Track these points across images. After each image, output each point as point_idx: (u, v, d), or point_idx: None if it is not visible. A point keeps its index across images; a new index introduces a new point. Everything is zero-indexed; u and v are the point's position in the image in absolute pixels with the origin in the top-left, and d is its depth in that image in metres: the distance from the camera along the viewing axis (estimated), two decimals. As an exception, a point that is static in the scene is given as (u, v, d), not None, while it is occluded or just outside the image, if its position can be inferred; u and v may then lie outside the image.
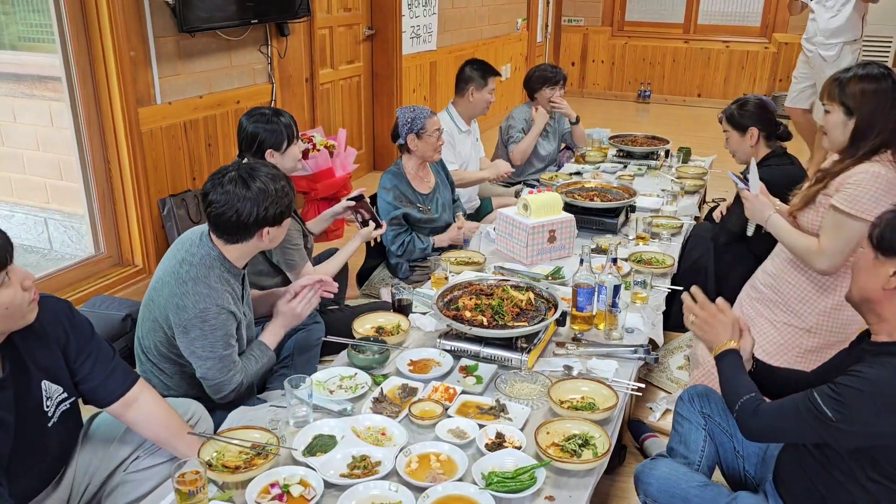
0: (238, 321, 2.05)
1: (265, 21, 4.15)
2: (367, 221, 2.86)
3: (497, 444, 1.73)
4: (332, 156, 4.18)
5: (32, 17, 3.80)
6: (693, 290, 1.91)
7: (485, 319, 2.12)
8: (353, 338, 2.22)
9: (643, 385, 2.10)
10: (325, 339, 2.47)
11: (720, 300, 1.89)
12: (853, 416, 1.52)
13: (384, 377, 2.05)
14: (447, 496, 1.56)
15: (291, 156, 2.66)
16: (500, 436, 1.75)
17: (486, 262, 2.82)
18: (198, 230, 2.08)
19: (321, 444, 1.73)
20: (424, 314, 2.41)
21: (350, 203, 2.86)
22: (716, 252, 3.24)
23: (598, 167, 4.17)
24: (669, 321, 2.65)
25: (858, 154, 2.20)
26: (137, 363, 2.14)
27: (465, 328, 2.08)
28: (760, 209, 2.45)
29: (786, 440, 1.68)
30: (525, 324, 2.11)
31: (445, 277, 2.59)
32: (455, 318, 2.13)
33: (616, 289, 2.26)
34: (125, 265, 3.63)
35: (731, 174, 2.62)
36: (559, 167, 4.39)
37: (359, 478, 1.62)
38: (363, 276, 3.44)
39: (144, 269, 3.60)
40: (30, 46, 3.87)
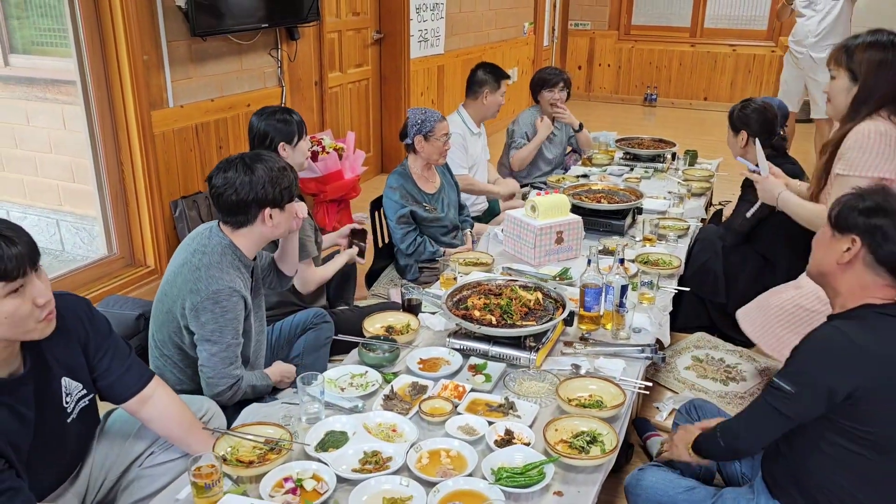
0: (249, 310, 2.10)
1: (276, 25, 4.19)
2: (363, 252, 3.11)
3: (506, 441, 1.75)
4: (342, 158, 4.22)
5: (45, 22, 3.85)
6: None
7: (494, 319, 2.14)
8: (363, 337, 2.26)
9: (650, 383, 2.13)
10: (335, 338, 2.50)
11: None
12: (805, 379, 1.59)
13: (394, 375, 2.07)
14: (457, 491, 1.58)
15: (301, 150, 2.81)
16: (510, 432, 1.77)
17: (494, 264, 2.85)
18: (208, 224, 2.16)
19: (333, 440, 1.76)
20: (434, 314, 2.44)
21: (356, 228, 3.12)
22: (723, 254, 3.25)
23: (605, 170, 4.19)
24: (676, 322, 2.67)
25: (857, 118, 2.24)
26: (151, 359, 2.18)
27: (475, 327, 2.10)
28: (770, 189, 2.53)
29: (771, 437, 1.71)
30: (533, 323, 2.13)
31: (454, 278, 2.62)
32: (464, 318, 2.15)
33: (623, 289, 2.28)
34: (137, 266, 3.67)
35: (741, 158, 2.66)
36: (565, 170, 4.41)
37: (370, 472, 1.64)
38: (372, 277, 3.47)
39: (156, 270, 3.64)
40: (43, 51, 3.93)
